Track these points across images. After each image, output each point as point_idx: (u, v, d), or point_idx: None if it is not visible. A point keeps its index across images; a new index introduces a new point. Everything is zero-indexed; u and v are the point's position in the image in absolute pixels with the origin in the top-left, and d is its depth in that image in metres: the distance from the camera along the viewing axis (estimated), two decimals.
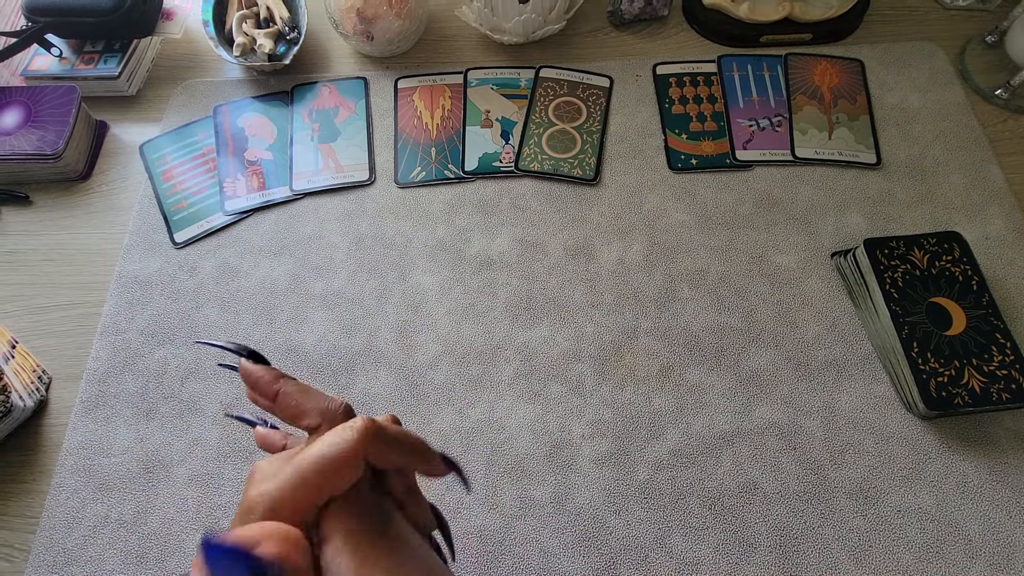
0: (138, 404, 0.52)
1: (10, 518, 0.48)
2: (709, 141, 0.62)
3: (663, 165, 0.61)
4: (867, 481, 0.47)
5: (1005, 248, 0.55)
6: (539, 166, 0.61)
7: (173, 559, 0.46)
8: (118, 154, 0.65)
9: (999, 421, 0.48)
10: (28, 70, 0.68)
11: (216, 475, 0.49)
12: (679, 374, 0.51)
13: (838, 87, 0.64)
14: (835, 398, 0.50)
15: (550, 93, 0.66)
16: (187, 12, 0.73)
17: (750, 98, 0.64)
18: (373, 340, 0.54)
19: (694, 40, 0.70)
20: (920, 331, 0.49)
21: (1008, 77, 0.63)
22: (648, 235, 0.58)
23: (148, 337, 0.54)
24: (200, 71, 0.70)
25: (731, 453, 0.48)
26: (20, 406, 0.49)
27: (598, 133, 0.63)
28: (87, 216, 0.61)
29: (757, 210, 0.59)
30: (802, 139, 0.61)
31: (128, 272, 0.58)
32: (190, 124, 0.66)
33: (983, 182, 0.59)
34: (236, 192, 0.61)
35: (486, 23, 0.66)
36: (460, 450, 0.49)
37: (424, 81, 0.68)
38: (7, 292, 0.58)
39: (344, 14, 0.65)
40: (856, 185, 0.59)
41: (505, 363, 0.52)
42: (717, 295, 0.55)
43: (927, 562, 0.44)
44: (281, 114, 0.66)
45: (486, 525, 0.46)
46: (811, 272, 0.55)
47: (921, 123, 0.62)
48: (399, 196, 0.61)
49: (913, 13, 0.70)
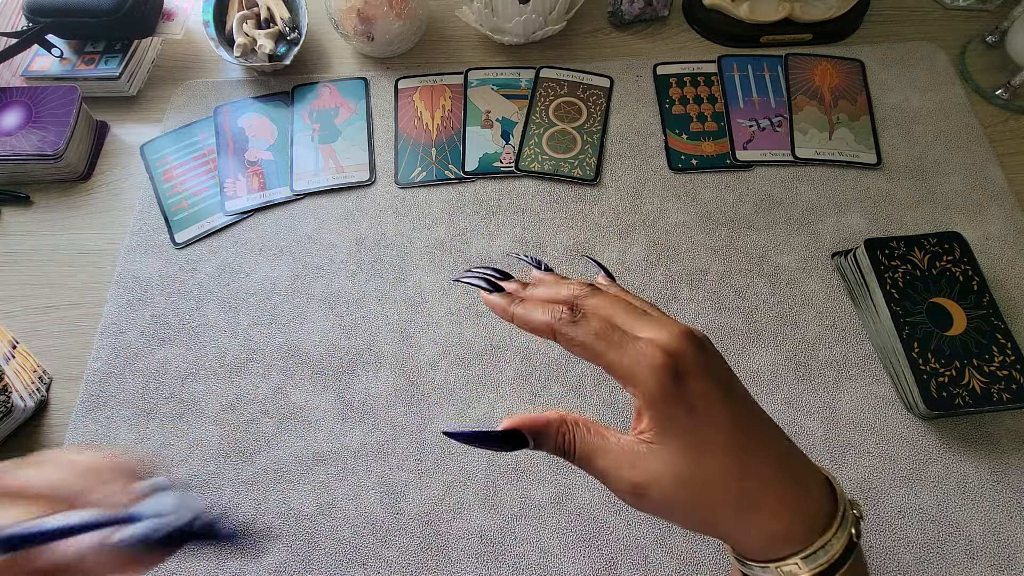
0: (138, 404, 0.52)
1: None
2: (710, 141, 0.62)
3: (663, 165, 0.61)
4: (868, 481, 0.47)
5: (1006, 248, 0.55)
6: (539, 166, 0.61)
7: (173, 559, 0.46)
8: (119, 154, 0.65)
9: (1000, 421, 0.48)
10: (29, 70, 0.68)
11: (216, 475, 0.49)
12: None
13: (838, 87, 0.64)
14: (836, 398, 0.50)
15: (550, 93, 0.66)
16: (187, 12, 0.73)
17: (750, 98, 0.64)
18: (373, 340, 0.54)
19: (694, 40, 0.70)
20: (921, 331, 0.49)
21: (1008, 77, 0.63)
22: (648, 235, 0.58)
23: (148, 337, 0.54)
24: (201, 71, 0.70)
25: None
26: (21, 406, 0.49)
27: (598, 133, 0.63)
28: (88, 216, 0.62)
29: (757, 210, 0.59)
30: (803, 139, 0.61)
31: (129, 272, 0.58)
32: (191, 124, 0.66)
33: (984, 182, 0.59)
34: (237, 192, 0.62)
35: (486, 24, 0.66)
36: (460, 450, 0.49)
37: (424, 81, 0.68)
38: (7, 292, 0.58)
39: (344, 14, 0.65)
40: (856, 185, 0.59)
41: (505, 363, 0.52)
42: (717, 295, 0.55)
43: (928, 562, 0.44)
44: (281, 114, 0.66)
45: (486, 525, 0.46)
46: (811, 272, 0.55)
47: (922, 123, 0.62)
48: (399, 196, 0.61)
49: (913, 13, 0.70)
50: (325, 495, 0.48)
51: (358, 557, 0.45)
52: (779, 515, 0.25)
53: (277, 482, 0.48)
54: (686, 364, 0.25)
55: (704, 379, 0.25)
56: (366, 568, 0.45)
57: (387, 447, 0.49)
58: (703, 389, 0.25)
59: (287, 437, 0.50)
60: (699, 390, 0.25)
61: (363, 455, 0.49)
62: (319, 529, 0.46)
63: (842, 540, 0.25)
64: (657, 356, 0.25)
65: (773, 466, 0.25)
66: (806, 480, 0.26)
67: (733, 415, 0.25)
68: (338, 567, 0.45)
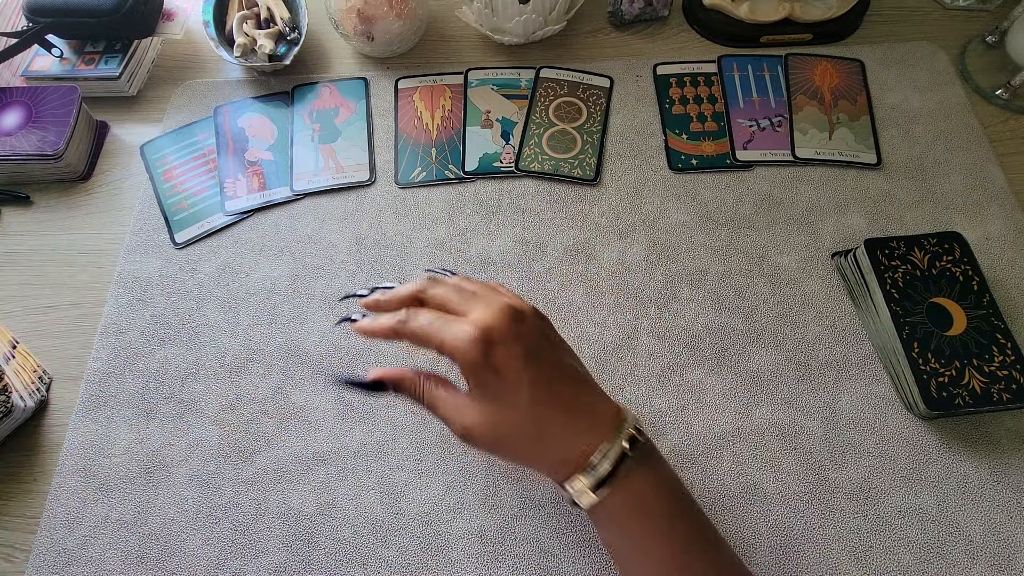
0: (138, 404, 0.52)
1: (10, 518, 0.48)
2: (710, 141, 0.62)
3: (663, 165, 0.61)
4: (868, 481, 0.47)
5: (1006, 248, 0.55)
6: (539, 166, 0.61)
7: (173, 559, 0.46)
8: (119, 154, 0.65)
9: (1000, 421, 0.48)
10: (29, 71, 0.68)
11: (216, 475, 0.49)
12: (679, 374, 0.51)
13: (839, 87, 0.64)
14: (836, 398, 0.50)
15: (550, 93, 0.66)
16: (187, 12, 0.73)
17: (750, 98, 0.64)
18: (373, 340, 0.54)
19: (694, 40, 0.70)
20: (921, 331, 0.49)
21: (1008, 77, 0.63)
22: (648, 235, 0.58)
23: (148, 337, 0.54)
24: (201, 71, 0.70)
25: (731, 453, 0.48)
26: (21, 406, 0.49)
27: (598, 133, 0.63)
28: (87, 216, 0.62)
29: (757, 210, 0.59)
30: (802, 139, 0.61)
31: (129, 272, 0.58)
32: (191, 124, 0.66)
33: (984, 182, 0.59)
34: (237, 192, 0.62)
35: (486, 24, 0.66)
36: (460, 450, 0.49)
37: (424, 81, 0.68)
38: (7, 292, 0.58)
39: (344, 15, 0.65)
40: (856, 185, 0.59)
41: None
42: (717, 295, 0.55)
43: (928, 562, 0.44)
44: (281, 114, 0.66)
45: (486, 525, 0.46)
46: (811, 272, 0.55)
47: (922, 123, 0.62)
48: (399, 196, 0.61)
49: (913, 13, 0.70)
50: (325, 495, 0.48)
51: (358, 557, 0.45)
52: (566, 445, 0.33)
53: (277, 482, 0.48)
54: (495, 336, 0.32)
55: (510, 347, 0.32)
56: (366, 568, 0.45)
57: (387, 447, 0.49)
58: (508, 356, 0.32)
59: (287, 437, 0.50)
60: (504, 357, 0.32)
61: (363, 455, 0.49)
62: (319, 529, 0.46)
63: (613, 455, 0.33)
64: (471, 332, 0.32)
65: (562, 410, 0.33)
66: (592, 416, 0.34)
67: (531, 376, 0.32)
68: (338, 567, 0.45)
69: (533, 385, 0.32)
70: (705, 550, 0.35)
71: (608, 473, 0.32)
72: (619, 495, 0.33)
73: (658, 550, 0.34)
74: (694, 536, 0.35)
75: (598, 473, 0.32)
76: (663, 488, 0.35)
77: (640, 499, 0.33)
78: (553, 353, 0.35)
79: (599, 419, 0.34)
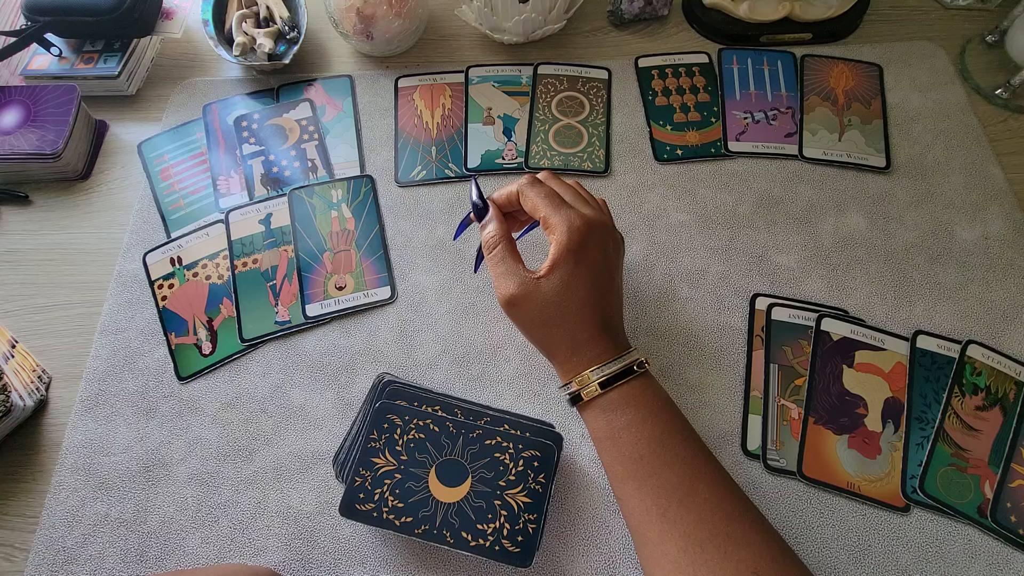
0: (138, 403, 0.52)
1: (10, 517, 0.48)
2: (694, 131, 0.62)
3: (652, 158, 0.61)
4: None
5: (1005, 248, 0.55)
6: (549, 163, 0.61)
7: (173, 558, 0.46)
8: (118, 153, 0.65)
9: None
10: (27, 69, 0.68)
11: (216, 474, 0.49)
12: (679, 374, 0.51)
13: (853, 90, 0.64)
14: None
15: (551, 89, 0.66)
16: (187, 11, 0.72)
17: (747, 91, 0.64)
18: (373, 339, 0.54)
19: (694, 40, 0.70)
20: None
21: (1008, 77, 0.63)
22: (648, 235, 0.58)
23: (148, 336, 0.54)
24: (200, 70, 0.70)
25: (731, 453, 0.48)
26: (20, 405, 0.49)
27: (603, 125, 0.63)
28: (87, 216, 0.61)
29: (757, 210, 0.59)
30: (811, 139, 0.61)
31: (128, 271, 0.58)
32: (187, 123, 0.66)
33: (983, 182, 0.59)
34: (230, 190, 0.61)
35: (486, 23, 0.66)
36: None
37: (424, 80, 0.68)
38: (7, 292, 0.58)
39: (344, 13, 0.65)
40: (856, 185, 0.59)
41: (505, 362, 0.52)
42: (717, 295, 0.55)
43: (927, 562, 0.44)
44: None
45: None
46: (811, 272, 0.55)
47: (921, 123, 0.62)
48: (399, 195, 0.61)
49: (913, 12, 0.70)
50: (325, 494, 0.48)
51: (358, 557, 0.45)
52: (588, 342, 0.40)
53: (277, 481, 0.48)
54: (590, 236, 0.41)
55: (596, 250, 0.41)
56: (366, 568, 0.45)
57: None
58: (592, 256, 0.40)
59: (286, 436, 0.50)
60: (589, 255, 0.40)
61: None
62: (319, 529, 0.46)
63: (622, 364, 0.39)
64: (577, 221, 0.40)
65: (597, 313, 0.40)
66: (613, 333, 0.41)
67: (595, 278, 0.40)
68: (338, 567, 0.45)
69: (592, 286, 0.40)
70: (709, 459, 0.39)
71: (616, 373, 0.39)
72: (620, 392, 0.39)
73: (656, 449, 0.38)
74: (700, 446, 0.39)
75: (607, 371, 0.39)
76: (664, 403, 0.40)
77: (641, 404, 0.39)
78: (616, 279, 0.43)
79: (619, 338, 0.42)
